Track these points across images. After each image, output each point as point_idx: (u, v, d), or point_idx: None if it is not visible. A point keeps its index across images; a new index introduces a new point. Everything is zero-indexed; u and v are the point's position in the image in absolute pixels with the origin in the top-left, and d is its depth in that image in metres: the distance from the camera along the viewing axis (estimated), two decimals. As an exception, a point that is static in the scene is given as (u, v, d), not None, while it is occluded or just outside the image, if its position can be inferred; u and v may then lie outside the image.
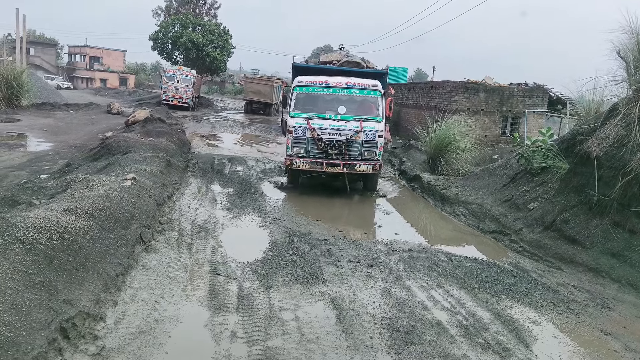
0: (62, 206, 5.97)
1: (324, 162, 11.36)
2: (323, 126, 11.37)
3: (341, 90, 11.83)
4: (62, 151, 15.19)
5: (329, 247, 7.88)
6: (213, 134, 23.75)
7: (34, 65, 53.94)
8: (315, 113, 11.62)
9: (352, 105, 11.95)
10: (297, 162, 11.48)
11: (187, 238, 7.73)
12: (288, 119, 11.66)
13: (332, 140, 11.30)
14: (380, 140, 11.57)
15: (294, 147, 11.53)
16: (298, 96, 11.91)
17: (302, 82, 12.06)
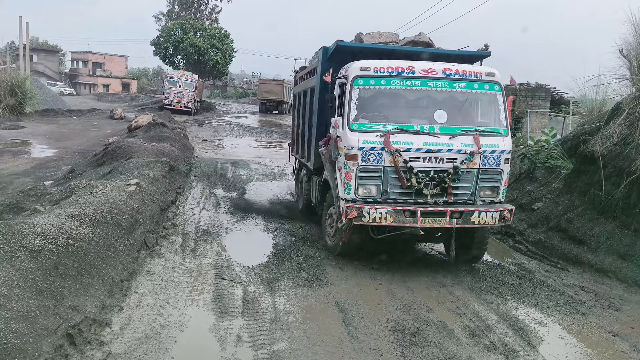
0: (66, 212, 5.99)
1: (417, 211, 6.56)
2: (413, 146, 6.64)
3: (436, 82, 6.99)
4: (65, 157, 15.24)
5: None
6: (216, 138, 23.79)
7: (37, 72, 54.14)
8: (396, 123, 6.82)
9: (455, 108, 7.18)
10: (370, 213, 6.55)
11: (191, 242, 7.73)
12: (346, 134, 6.84)
13: (429, 171, 6.67)
14: (507, 169, 7.08)
15: (361, 185, 6.76)
16: (362, 95, 6.94)
17: (367, 69, 6.92)
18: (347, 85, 6.97)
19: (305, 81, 9.97)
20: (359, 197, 6.77)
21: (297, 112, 11.33)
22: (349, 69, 7.10)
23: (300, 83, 10.98)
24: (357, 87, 6.94)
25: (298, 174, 11.31)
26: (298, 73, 11.95)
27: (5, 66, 28.23)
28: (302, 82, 10.42)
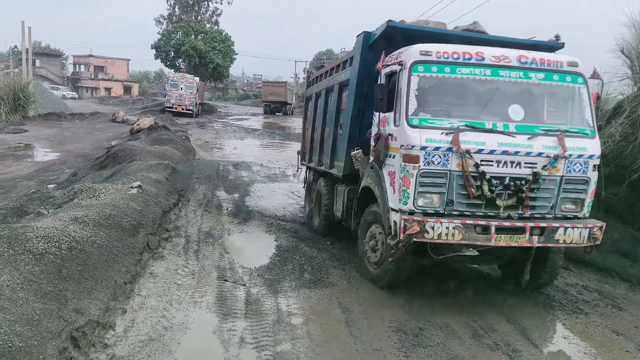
0: (69, 215, 6.01)
1: (491, 226, 5.46)
2: (486, 147, 5.57)
3: (509, 72, 5.89)
4: (68, 160, 15.29)
5: None
6: (217, 140, 23.84)
7: (40, 76, 54.27)
8: (463, 119, 5.74)
9: (530, 102, 6.12)
10: (435, 228, 5.40)
11: (194, 245, 7.75)
12: (404, 131, 5.71)
13: (504, 178, 5.61)
14: (595, 177, 5.95)
15: (422, 194, 5.63)
16: (422, 84, 5.81)
17: (428, 53, 5.79)
18: (403, 73, 5.82)
19: (329, 78, 9.04)
20: (418, 208, 5.59)
21: (313, 114, 10.22)
22: (405, 54, 5.93)
23: (318, 82, 10.04)
24: (417, 74, 5.77)
25: (311, 186, 10.19)
26: (312, 73, 11.16)
27: (8, 71, 28.35)
28: (323, 81, 9.53)
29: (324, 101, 9.22)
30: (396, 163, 5.84)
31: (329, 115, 8.93)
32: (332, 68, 9.03)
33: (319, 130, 9.54)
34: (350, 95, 7.56)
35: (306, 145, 10.83)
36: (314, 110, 10.18)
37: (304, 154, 10.99)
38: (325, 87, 9.24)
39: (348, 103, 7.72)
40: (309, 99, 11.04)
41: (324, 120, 9.24)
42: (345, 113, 7.93)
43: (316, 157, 9.69)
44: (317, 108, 9.90)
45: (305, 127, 11.17)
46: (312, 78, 10.95)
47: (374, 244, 6.47)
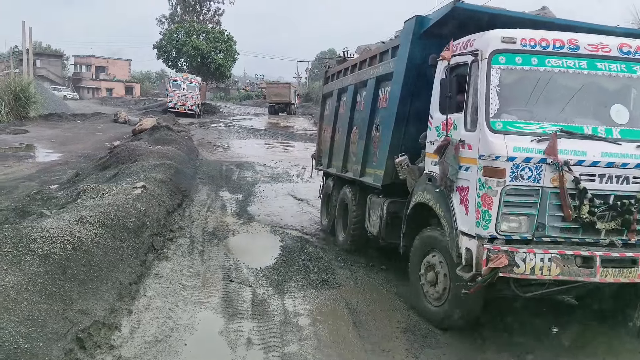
0: (74, 216, 5.97)
1: (595, 258, 4.49)
2: (587, 158, 4.61)
3: (609, 64, 4.89)
4: (70, 161, 15.25)
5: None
6: (220, 140, 23.79)
7: (41, 77, 54.23)
8: (556, 123, 4.76)
9: (636, 102, 5.10)
10: (527, 260, 4.41)
11: (198, 245, 7.70)
12: (484, 137, 4.70)
13: (608, 196, 4.66)
14: None
15: (507, 216, 4.60)
16: (504, 79, 4.80)
17: (512, 40, 4.77)
18: (481, 65, 4.77)
19: (359, 72, 7.94)
20: (501, 233, 4.52)
21: (334, 113, 9.20)
22: (481, 41, 4.86)
23: (341, 77, 9.01)
24: (497, 66, 4.70)
25: (331, 195, 9.05)
26: (331, 68, 10.15)
27: (8, 71, 28.34)
28: (349, 75, 8.47)
29: (351, 98, 8.15)
30: (471, 177, 4.73)
31: (358, 115, 7.83)
32: (364, 61, 7.87)
33: (343, 132, 8.45)
34: (395, 92, 6.41)
35: (323, 147, 9.81)
36: (335, 108, 9.11)
37: (320, 158, 10.02)
38: (353, 82, 8.15)
39: (391, 101, 6.53)
40: (326, 96, 10.11)
41: (350, 120, 8.15)
42: (385, 113, 6.80)
43: (338, 161, 8.61)
44: (341, 106, 8.85)
45: (322, 127, 10.25)
46: (332, 73, 9.85)
47: (433, 276, 5.29)
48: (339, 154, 8.63)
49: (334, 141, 9.18)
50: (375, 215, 6.90)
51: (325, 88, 10.34)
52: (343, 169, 8.36)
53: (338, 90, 9.11)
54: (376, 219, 6.81)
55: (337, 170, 8.69)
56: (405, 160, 6.12)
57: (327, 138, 9.61)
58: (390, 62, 6.71)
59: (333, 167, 9.06)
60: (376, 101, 7.15)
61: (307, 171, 15.34)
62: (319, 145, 10.37)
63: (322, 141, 10.20)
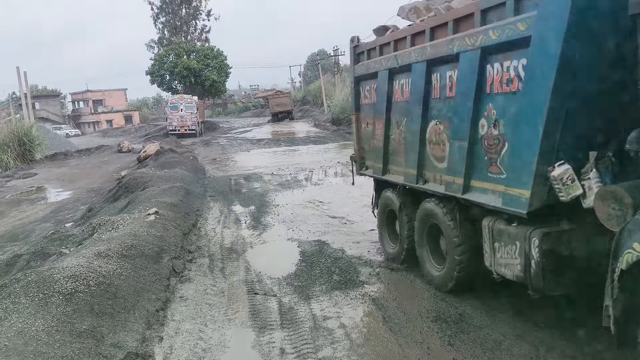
0: (92, 251, 6.01)
1: None
2: None
3: None
4: (81, 197, 15.36)
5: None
6: (225, 155, 23.86)
7: (41, 119, 54.84)
8: None
9: None
10: None
11: (218, 262, 7.72)
12: None
13: None
14: None
15: None
16: None
17: None
18: None
19: (435, 44, 5.58)
20: None
21: (385, 102, 6.92)
22: None
23: (392, 53, 6.65)
24: None
25: (400, 211, 6.79)
26: (366, 44, 7.78)
27: (9, 117, 28.62)
28: (409, 50, 6.15)
29: (422, 80, 5.84)
30: None
31: (442, 104, 5.63)
32: (441, 25, 5.58)
33: (408, 127, 6.31)
34: (541, 67, 4.16)
35: (369, 147, 7.74)
36: (385, 94, 6.84)
37: (364, 160, 8.05)
38: (421, 57, 5.83)
39: (531, 82, 4.30)
40: (363, 79, 7.77)
41: (424, 110, 5.89)
42: (517, 100, 4.48)
43: (405, 167, 6.47)
44: (397, 92, 6.63)
45: (363, 120, 7.96)
46: (370, 47, 7.52)
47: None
48: (405, 157, 6.47)
49: (389, 139, 6.94)
50: (510, 252, 4.61)
51: (358, 69, 7.83)
52: (418, 179, 6.07)
53: (389, 71, 6.67)
54: (514, 257, 4.54)
55: (406, 179, 6.41)
56: (568, 172, 4.03)
57: (375, 134, 7.37)
58: (519, 20, 4.36)
59: (394, 174, 6.88)
60: (483, 83, 4.82)
61: (315, 174, 15.44)
62: (360, 143, 8.10)
63: (364, 138, 7.99)
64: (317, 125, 38.58)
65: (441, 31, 5.55)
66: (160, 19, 65.82)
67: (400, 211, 6.82)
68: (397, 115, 6.75)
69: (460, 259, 5.35)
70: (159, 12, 65.32)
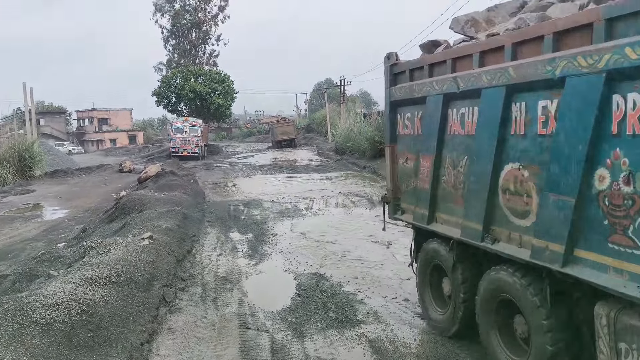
0: (79, 277, 5.75)
1: None
2: None
3: None
4: (77, 216, 15.11)
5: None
6: (226, 180, 23.68)
7: (45, 135, 55.02)
8: None
9: None
10: None
11: (211, 292, 7.44)
12: None
13: None
14: None
15: None
16: None
17: None
18: None
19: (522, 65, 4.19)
20: None
21: (435, 135, 5.47)
22: None
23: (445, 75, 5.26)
24: None
25: (454, 271, 5.30)
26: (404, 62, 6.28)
27: (12, 132, 28.59)
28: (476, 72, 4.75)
29: (497, 110, 4.45)
30: None
31: (530, 144, 4.20)
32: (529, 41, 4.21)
33: (470, 168, 4.93)
34: None
35: (409, 187, 6.20)
36: (436, 125, 5.42)
37: (399, 201, 6.52)
38: (495, 82, 4.47)
39: None
40: (402, 105, 6.28)
41: (498, 150, 4.49)
42: None
43: (457, 217, 5.16)
44: (454, 123, 5.23)
45: (403, 155, 6.36)
46: (412, 67, 6.01)
47: None
48: (464, 206, 5.02)
49: (439, 181, 5.48)
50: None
51: (396, 92, 6.30)
52: (485, 236, 4.66)
53: (444, 97, 5.29)
54: None
55: (464, 233, 4.97)
56: None
57: (418, 173, 5.86)
58: None
59: (445, 225, 5.42)
60: (606, 119, 3.51)
61: (316, 204, 15.18)
62: (394, 181, 6.54)
63: (401, 176, 6.43)
64: (320, 154, 38.54)
65: (531, 48, 4.18)
66: (170, 41, 66.87)
67: (453, 271, 5.32)
68: (453, 152, 5.26)
69: (553, 350, 3.92)
70: (169, 36, 66.42)
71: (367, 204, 14.84)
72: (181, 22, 64.96)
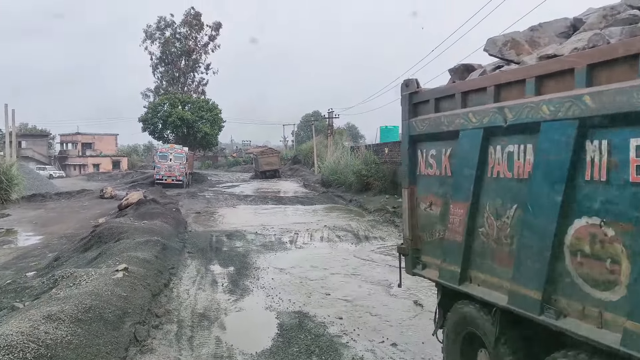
0: (42, 313, 5.30)
1: None
2: None
3: None
4: (52, 243, 14.51)
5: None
6: (209, 209, 23.20)
7: (26, 158, 54.15)
8: None
9: None
10: None
11: (187, 330, 6.98)
12: None
13: None
14: None
15: None
16: None
17: None
18: None
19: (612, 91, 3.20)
20: None
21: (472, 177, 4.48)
22: None
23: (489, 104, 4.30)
24: None
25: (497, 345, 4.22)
26: (429, 89, 5.34)
27: (-10, 155, 27.90)
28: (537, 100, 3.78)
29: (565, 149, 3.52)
30: None
31: (617, 193, 3.21)
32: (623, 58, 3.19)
33: (524, 220, 3.89)
34: None
35: (434, 237, 5.19)
36: (477, 166, 4.40)
37: (418, 253, 5.45)
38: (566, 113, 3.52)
39: None
40: (420, 141, 5.41)
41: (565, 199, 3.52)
42: None
43: (502, 279, 4.12)
44: (498, 163, 4.22)
45: (425, 199, 5.33)
46: (438, 97, 5.10)
47: None
48: (513, 267, 3.95)
49: (475, 232, 4.45)
50: None
51: (417, 124, 5.36)
52: (545, 308, 3.61)
53: (484, 131, 4.32)
54: None
55: (513, 301, 3.91)
56: None
57: (447, 222, 4.82)
58: None
59: (485, 287, 4.34)
60: None
61: (300, 237, 14.78)
62: (414, 230, 5.50)
63: (422, 223, 5.40)
64: (306, 186, 38.27)
65: (618, 70, 3.25)
66: (159, 68, 66.92)
67: (495, 345, 4.21)
68: (496, 199, 4.24)
69: None
70: (158, 63, 66.50)
71: (353, 239, 14.50)
72: (171, 49, 65.21)
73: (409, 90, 5.51)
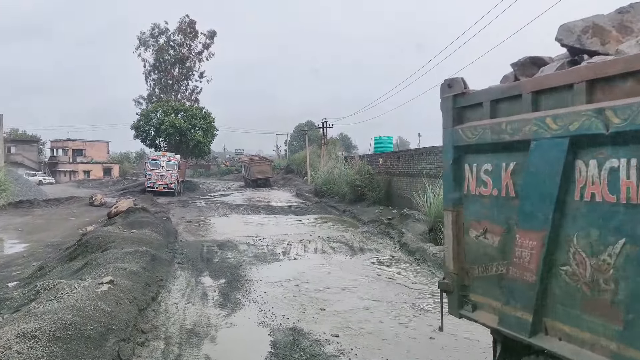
0: (16, 330, 4.90)
1: None
2: None
3: None
4: (37, 252, 14.04)
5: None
6: (201, 218, 22.77)
7: (15, 163, 53.42)
8: None
9: None
10: None
11: (175, 348, 6.60)
12: None
13: None
14: None
15: None
16: None
17: None
18: None
19: None
20: None
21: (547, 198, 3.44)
22: None
23: (601, 104, 3.09)
24: None
25: None
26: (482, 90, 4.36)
27: (-22, 159, 27.35)
28: None
29: None
30: None
31: None
32: None
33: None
34: None
35: (488, 272, 4.16)
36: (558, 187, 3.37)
37: (466, 289, 4.44)
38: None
39: None
40: (468, 153, 4.41)
41: None
42: None
43: (608, 339, 3.00)
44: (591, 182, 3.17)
45: (476, 226, 4.31)
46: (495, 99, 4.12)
47: None
48: (623, 323, 2.92)
49: (555, 271, 3.45)
50: None
51: (465, 133, 4.38)
52: None
53: (569, 141, 3.30)
54: None
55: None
56: None
57: (510, 255, 3.81)
58: None
59: (573, 344, 3.26)
60: None
61: (294, 248, 14.40)
62: (459, 262, 4.49)
63: (471, 254, 4.38)
64: (298, 195, 37.91)
65: None
66: (152, 76, 66.54)
67: None
68: (589, 230, 3.19)
69: None
70: (151, 70, 66.13)
71: (348, 250, 14.15)
72: (164, 57, 64.87)
73: (452, 91, 4.57)
